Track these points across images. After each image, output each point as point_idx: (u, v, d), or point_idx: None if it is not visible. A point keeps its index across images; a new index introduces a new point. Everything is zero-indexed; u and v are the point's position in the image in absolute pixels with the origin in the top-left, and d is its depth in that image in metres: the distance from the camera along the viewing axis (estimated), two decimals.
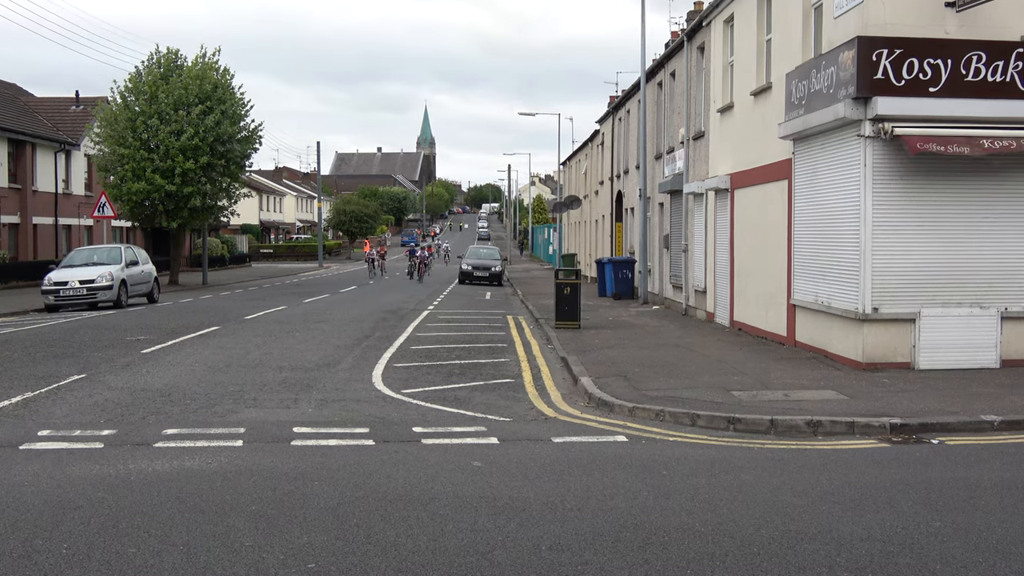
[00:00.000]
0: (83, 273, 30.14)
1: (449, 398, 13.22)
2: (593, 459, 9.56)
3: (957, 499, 7.99)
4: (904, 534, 6.99)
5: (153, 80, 41.74)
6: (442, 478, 8.71)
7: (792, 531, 7.07)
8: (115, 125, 41.02)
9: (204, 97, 41.68)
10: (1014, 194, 15.26)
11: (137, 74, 42.53)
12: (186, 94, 41.25)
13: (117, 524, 7.15)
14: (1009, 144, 14.48)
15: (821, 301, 16.78)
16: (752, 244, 21.14)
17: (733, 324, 22.38)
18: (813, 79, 16.62)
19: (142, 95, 41.70)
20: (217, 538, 6.80)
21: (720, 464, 9.39)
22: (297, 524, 7.13)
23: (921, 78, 14.78)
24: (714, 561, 6.40)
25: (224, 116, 41.95)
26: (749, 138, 21.41)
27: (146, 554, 6.45)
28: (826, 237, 16.67)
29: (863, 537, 6.91)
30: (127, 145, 40.68)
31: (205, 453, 9.72)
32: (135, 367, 16.05)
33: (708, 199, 24.90)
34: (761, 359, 16.75)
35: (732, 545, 6.73)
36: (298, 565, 6.23)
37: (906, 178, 15.10)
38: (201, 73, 42.31)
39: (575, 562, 6.31)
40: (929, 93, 14.79)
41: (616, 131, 42.84)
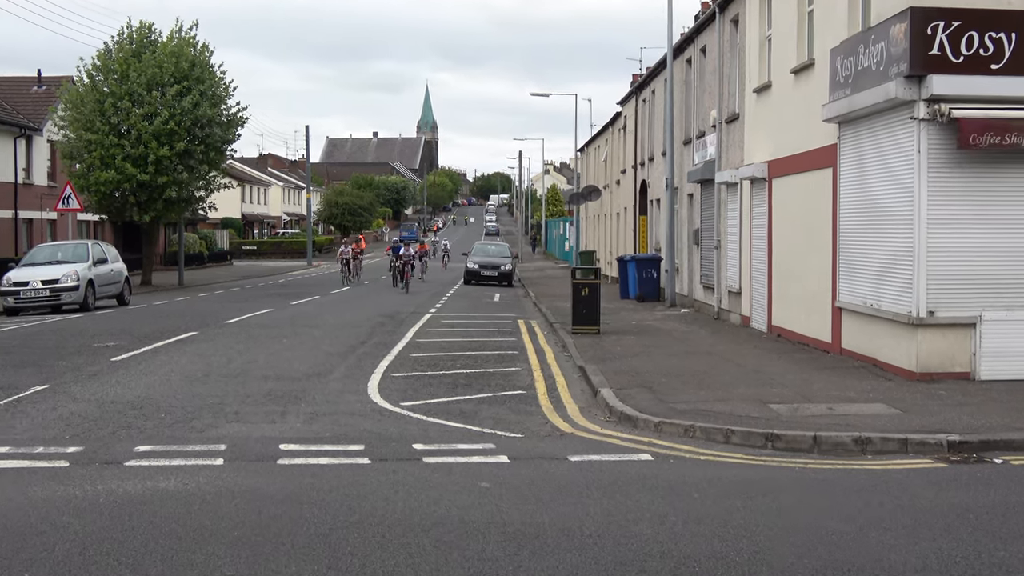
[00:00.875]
0: (46, 272, 30.18)
1: (454, 411, 13.21)
2: (615, 480, 9.54)
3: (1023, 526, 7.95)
4: (964, 564, 6.95)
5: (124, 57, 41.81)
6: (446, 501, 8.69)
7: (838, 561, 7.03)
8: (81, 107, 41.06)
9: (180, 76, 41.74)
10: None
11: (106, 51, 42.64)
12: (160, 73, 41.31)
13: (84, 552, 7.14)
14: None
15: (870, 303, 16.72)
16: (793, 240, 21.08)
17: (771, 329, 22.33)
18: (861, 55, 16.56)
19: (112, 74, 41.76)
20: (195, 568, 6.79)
21: (757, 486, 9.35)
22: (284, 552, 7.12)
23: (982, 54, 14.70)
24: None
25: (203, 97, 41.99)
26: (789, 121, 21.34)
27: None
28: (875, 232, 16.61)
29: (917, 568, 6.88)
30: (95, 130, 40.72)
31: (182, 473, 9.72)
32: (104, 377, 16.08)
33: (743, 190, 24.85)
34: (802, 368, 16.69)
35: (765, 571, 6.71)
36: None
37: (965, 165, 15.02)
38: (177, 50, 42.40)
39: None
40: (991, 71, 14.72)
41: (640, 113, 42.81)
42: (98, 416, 12.68)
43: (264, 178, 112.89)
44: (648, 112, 40.69)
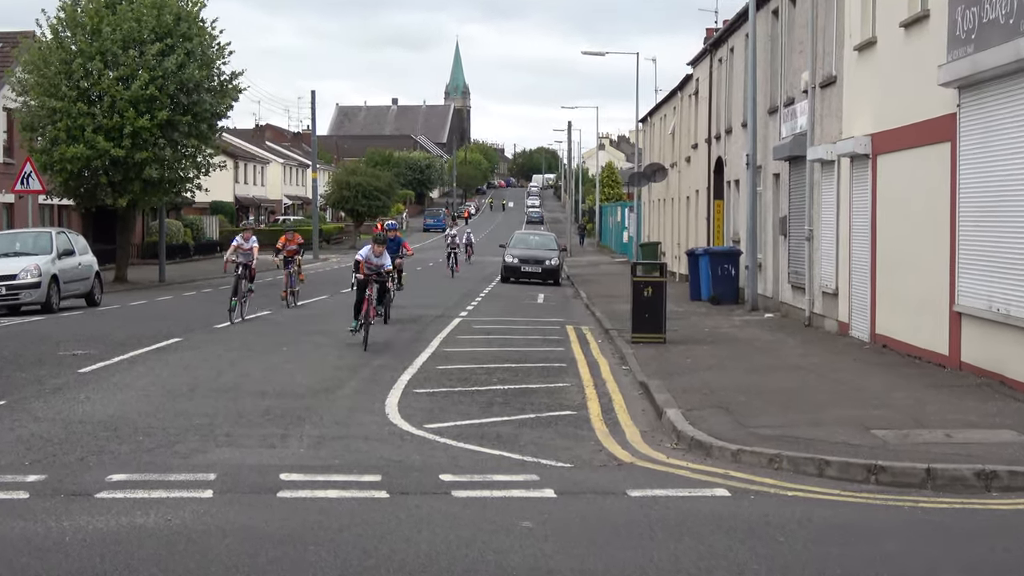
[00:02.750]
0: (2, 267, 30.32)
1: (489, 436, 13.20)
2: (684, 519, 9.50)
3: None
4: None
5: (96, 9, 41.95)
6: (480, 543, 8.69)
7: None
8: (45, 69, 41.18)
9: (163, 32, 41.80)
10: None
11: (74, 1, 42.73)
12: (139, 28, 41.40)
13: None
14: None
15: (996, 308, 16.59)
16: (902, 230, 20.95)
17: (875, 338, 22.21)
18: (986, 4, 16.45)
19: (81, 29, 41.89)
20: None
21: (857, 529, 9.30)
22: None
23: None
24: None
25: (190, 58, 42.01)
26: (898, 86, 21.21)
27: None
28: (1004, 220, 16.48)
29: None
30: (60, 96, 40.84)
31: (163, 506, 9.75)
32: (70, 391, 16.19)
33: (841, 168, 24.73)
34: (913, 386, 16.56)
35: None
36: None
37: None
38: (159, 1, 42.38)
39: None
40: None
41: (715, 76, 42.70)
42: (64, 438, 12.75)
43: (261, 154, 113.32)
44: (725, 75, 40.56)
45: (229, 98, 44.74)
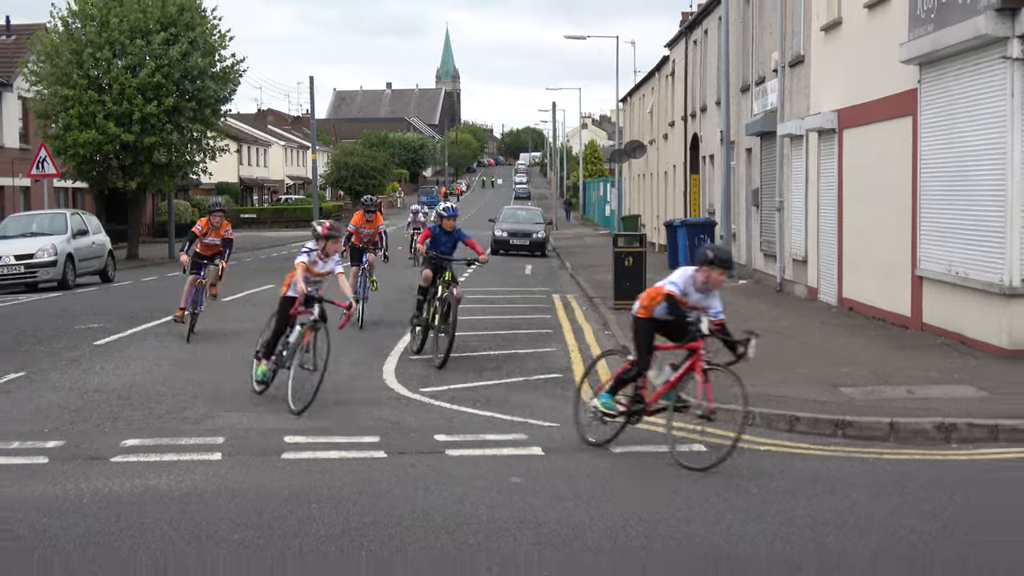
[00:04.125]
0: (20, 246, 30.27)
1: (480, 398, 13.24)
2: (664, 474, 9.55)
3: None
4: None
5: (104, 1, 41.66)
6: (472, 498, 8.72)
7: (918, 565, 7.03)
8: (57, 59, 41.01)
9: (168, 22, 41.61)
10: None
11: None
12: (145, 19, 41.17)
13: (67, 558, 7.20)
14: None
15: (955, 272, 16.61)
16: (867, 200, 20.94)
17: (842, 302, 22.23)
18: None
19: (90, 21, 41.66)
20: (192, 575, 6.84)
21: (825, 480, 9.34)
22: (291, 557, 7.17)
23: None
24: None
25: (193, 46, 41.83)
26: (863, 63, 21.17)
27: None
28: (962, 189, 16.48)
29: (1010, 572, 6.86)
30: (72, 84, 40.67)
31: (175, 469, 9.78)
32: (86, 363, 16.19)
33: (809, 142, 24.71)
34: (878, 346, 16.61)
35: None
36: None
37: None
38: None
39: None
40: None
41: (691, 57, 42.58)
42: (80, 407, 12.77)
43: (264, 137, 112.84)
44: (700, 56, 40.46)
45: (231, 83, 44.49)
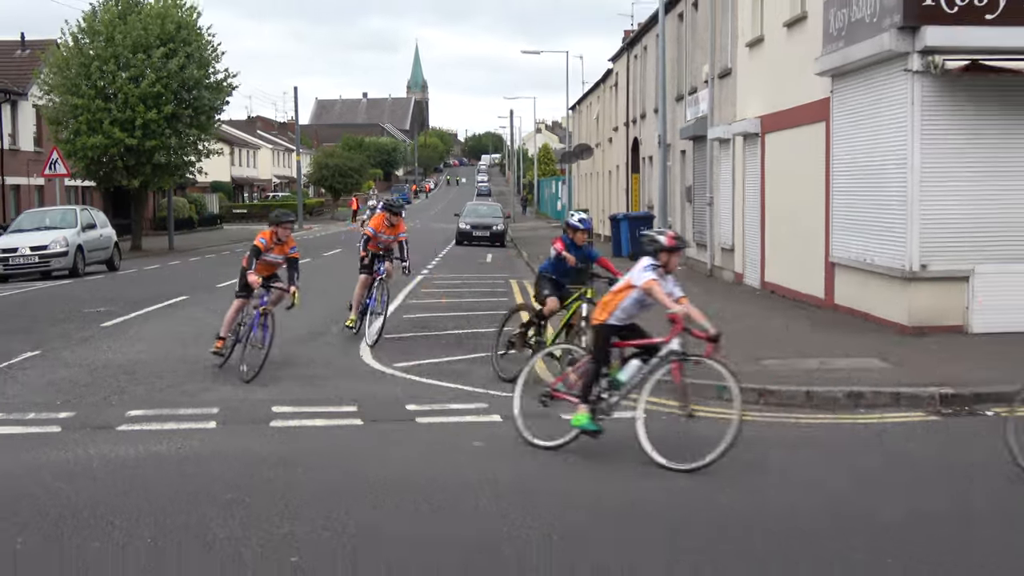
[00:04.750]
0: (34, 238, 29.98)
1: (446, 372, 13.24)
2: (608, 438, 9.58)
3: (1017, 479, 7.99)
4: (959, 516, 7.00)
5: (109, 19, 41.39)
6: (440, 460, 8.74)
7: (830, 518, 7.09)
8: (67, 71, 40.68)
9: (166, 38, 41.31)
10: None
11: (92, 13, 42.22)
12: (146, 35, 40.87)
13: (78, 515, 7.17)
14: None
15: (863, 258, 16.73)
16: (786, 196, 21.06)
17: (764, 286, 22.36)
18: (854, 6, 16.48)
19: (97, 36, 41.35)
20: (189, 530, 6.82)
21: (749, 441, 9.38)
22: (278, 513, 7.15)
23: (976, 4, 14.61)
24: (740, 551, 6.41)
25: (189, 60, 41.56)
26: (782, 76, 21.27)
27: (110, 548, 6.47)
28: (869, 186, 16.60)
29: (913, 521, 6.93)
30: (81, 94, 40.35)
31: (174, 436, 9.74)
32: (95, 342, 16.08)
33: (736, 145, 24.80)
34: (795, 324, 16.72)
35: (762, 529, 6.76)
36: (279, 558, 6.26)
37: (959, 115, 15.00)
38: (163, 11, 41.98)
39: (594, 554, 6.32)
40: (985, 21, 14.64)
41: (632, 70, 42.61)
42: (89, 381, 12.69)
43: (253, 141, 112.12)
44: (640, 68, 40.49)
45: (224, 93, 44.30)
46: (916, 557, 6.21)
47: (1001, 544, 6.50)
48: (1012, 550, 6.40)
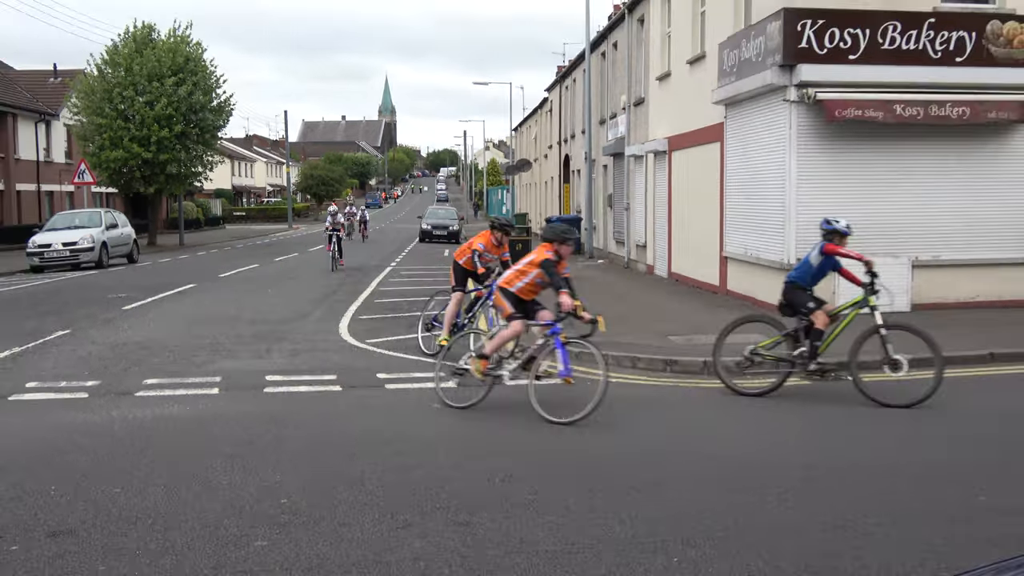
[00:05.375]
0: (66, 236, 29.60)
1: (411, 346, 13.21)
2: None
3: (869, 428, 8.15)
4: (823, 460, 7.12)
5: (129, 53, 40.83)
6: (404, 419, 8.74)
7: (720, 457, 7.18)
8: (92, 96, 40.11)
9: (177, 69, 40.84)
10: (923, 155, 15.45)
11: (113, 47, 41.59)
12: (159, 66, 40.38)
13: (101, 467, 7.10)
14: (916, 114, 14.70)
15: (750, 253, 16.92)
16: (688, 202, 21.23)
17: (671, 275, 22.53)
18: (743, 48, 16.64)
19: (118, 67, 40.77)
20: (196, 478, 6.77)
21: (658, 401, 9.51)
22: (270, 464, 7.12)
23: (841, 46, 14.85)
24: (645, 485, 6.47)
25: (196, 87, 41.15)
26: (685, 104, 21.43)
27: (130, 493, 6.42)
28: (755, 195, 16.78)
29: (786, 463, 7.03)
30: (104, 115, 39.82)
31: (184, 401, 9.67)
32: (117, 323, 15.87)
33: (648, 161, 24.94)
34: (695, 307, 16.87)
35: (666, 471, 6.83)
36: (271, 501, 6.24)
37: (828, 139, 15.21)
38: (174, 47, 41.47)
39: (525, 492, 6.35)
40: (848, 60, 14.88)
41: (563, 99, 42.68)
42: (112, 355, 12.54)
43: (250, 155, 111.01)
44: (570, 97, 40.58)
45: (225, 115, 43.82)
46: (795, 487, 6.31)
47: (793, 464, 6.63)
48: None
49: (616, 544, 5.33)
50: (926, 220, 15.44)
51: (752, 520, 5.73)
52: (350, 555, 5.22)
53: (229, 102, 44.00)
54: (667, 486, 6.49)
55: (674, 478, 6.69)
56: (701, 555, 5.14)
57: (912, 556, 5.11)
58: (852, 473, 6.76)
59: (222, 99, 43.59)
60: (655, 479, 6.66)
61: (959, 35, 14.98)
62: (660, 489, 6.41)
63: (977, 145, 15.48)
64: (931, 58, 14.98)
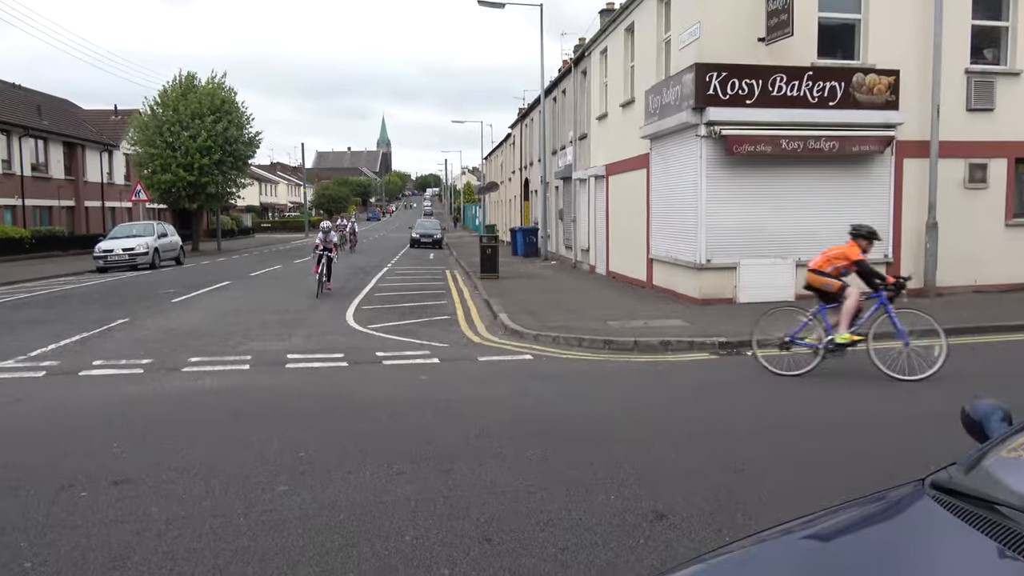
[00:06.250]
0: (125, 243, 29.13)
1: (403, 331, 13.16)
2: (508, 372, 9.63)
3: (764, 393, 8.23)
4: (728, 418, 7.18)
5: (176, 96, 40.29)
6: (398, 387, 8.69)
7: (647, 417, 7.22)
8: (146, 131, 39.51)
9: (215, 109, 40.31)
10: (803, 179, 15.58)
11: (163, 91, 41.02)
12: (200, 107, 39.85)
13: (155, 427, 7.00)
14: (797, 147, 14.85)
15: (671, 255, 16.99)
16: (622, 215, 21.29)
17: (609, 273, 22.59)
18: (664, 94, 16.70)
19: (167, 107, 40.19)
20: (231, 436, 6.71)
21: (600, 373, 9.53)
22: (291, 425, 7.06)
23: (740, 93, 14.95)
24: (589, 440, 6.50)
25: (230, 124, 40.62)
26: (619, 138, 21.48)
27: (177, 448, 6.34)
28: (673, 209, 16.85)
29: (699, 420, 7.09)
30: (156, 146, 39.24)
31: (221, 375, 9.55)
32: (167, 312, 15.65)
33: (590, 183, 24.98)
34: (628, 298, 16.94)
35: (605, 428, 6.86)
36: (292, 453, 6.19)
37: (729, 167, 15.30)
38: (212, 91, 40.89)
39: (495, 446, 6.36)
40: (746, 104, 14.97)
41: (523, 134, 42.64)
42: (163, 339, 12.36)
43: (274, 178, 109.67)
44: (528, 133, 40.54)
45: (254, 146, 43.26)
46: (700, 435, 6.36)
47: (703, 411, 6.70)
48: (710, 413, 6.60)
49: (565, 486, 5.34)
50: (806, 229, 15.59)
51: (672, 465, 5.77)
52: (354, 497, 5.18)
53: (257, 136, 43.54)
54: (606, 440, 6.51)
55: (612, 433, 6.71)
56: (632, 493, 5.17)
57: (795, 495, 5.16)
58: (758, 428, 6.82)
59: (252, 134, 43.09)
60: (597, 435, 6.68)
61: (831, 84, 15.14)
62: (601, 443, 6.43)
63: (845, 170, 15.66)
64: (810, 102, 15.12)
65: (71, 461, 6.07)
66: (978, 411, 2.60)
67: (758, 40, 15.09)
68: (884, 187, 15.83)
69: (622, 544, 4.38)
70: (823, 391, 8.34)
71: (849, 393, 8.22)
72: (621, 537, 4.47)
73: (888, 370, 8.78)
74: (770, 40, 14.94)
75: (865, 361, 9.06)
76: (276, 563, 4.23)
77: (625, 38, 20.89)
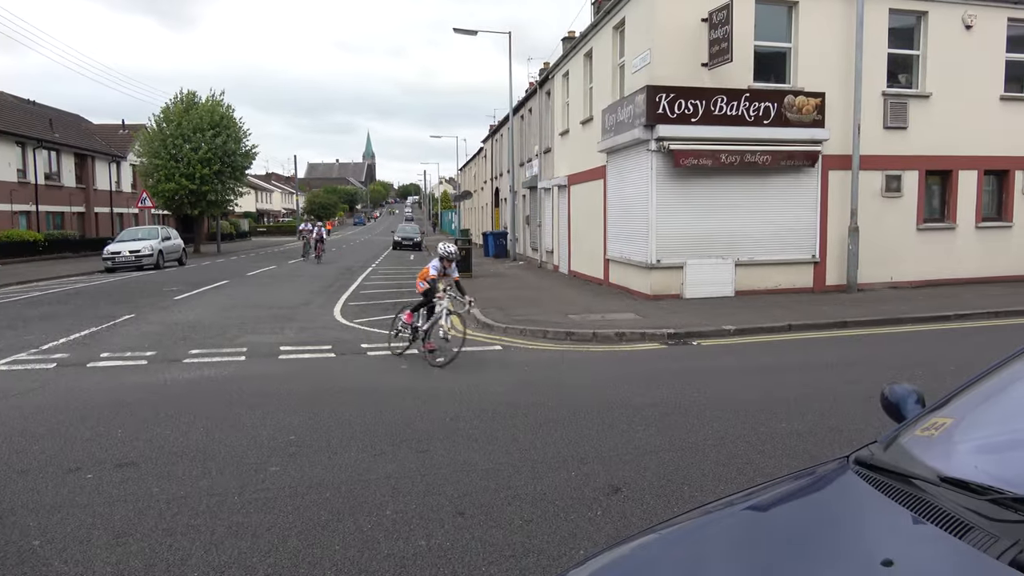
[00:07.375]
0: (132, 245, 28.54)
1: (386, 325, 13.01)
2: (479, 361, 9.58)
3: (708, 378, 8.27)
4: (676, 401, 7.20)
5: (178, 112, 39.62)
6: (379, 375, 8.60)
7: (605, 401, 7.21)
8: (152, 144, 38.82)
9: (214, 124, 39.71)
10: (741, 188, 15.69)
11: (167, 107, 40.31)
12: (201, 122, 39.24)
13: (157, 414, 6.84)
14: (735, 160, 14.95)
15: (625, 256, 17.04)
16: (582, 220, 21.32)
17: (571, 272, 22.61)
18: (619, 113, 16.73)
19: (171, 122, 39.50)
20: (227, 421, 6.58)
21: (562, 362, 9.51)
22: (283, 411, 6.95)
23: (686, 112, 15.02)
24: (552, 422, 6.48)
25: (229, 138, 40.05)
26: (579, 152, 21.50)
27: (177, 433, 6.20)
28: (627, 215, 16.90)
29: (650, 404, 7.10)
30: (160, 157, 38.56)
31: (218, 365, 9.38)
32: (170, 308, 15.35)
33: (554, 192, 24.99)
34: (587, 295, 16.96)
35: (567, 411, 6.84)
36: (283, 437, 6.08)
37: (677, 178, 15.37)
38: (211, 108, 40.27)
39: (468, 428, 6.31)
40: (691, 122, 15.04)
41: (494, 147, 42.56)
42: (166, 332, 12.11)
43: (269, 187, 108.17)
44: (499, 146, 40.47)
45: (250, 158, 42.69)
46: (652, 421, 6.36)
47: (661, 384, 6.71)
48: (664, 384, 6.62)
49: (531, 463, 5.31)
50: (744, 232, 15.72)
51: (627, 444, 5.76)
52: (339, 476, 5.10)
53: (253, 149, 42.98)
54: (568, 422, 6.49)
55: (575, 416, 6.70)
56: (591, 470, 5.15)
57: (734, 466, 5.18)
58: (694, 410, 6.84)
59: (248, 146, 42.51)
60: (560, 417, 6.65)
61: (766, 105, 15.27)
62: (562, 424, 6.41)
63: (778, 180, 15.81)
64: (747, 121, 15.24)
65: (78, 446, 5.91)
66: (895, 394, 2.61)
67: (702, 65, 15.17)
68: (812, 195, 16.01)
69: (582, 516, 4.35)
70: (757, 376, 8.39)
71: (793, 378, 8.28)
72: (581, 509, 4.44)
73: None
74: (712, 65, 15.03)
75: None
76: (267, 537, 4.15)
77: (584, 63, 20.90)
